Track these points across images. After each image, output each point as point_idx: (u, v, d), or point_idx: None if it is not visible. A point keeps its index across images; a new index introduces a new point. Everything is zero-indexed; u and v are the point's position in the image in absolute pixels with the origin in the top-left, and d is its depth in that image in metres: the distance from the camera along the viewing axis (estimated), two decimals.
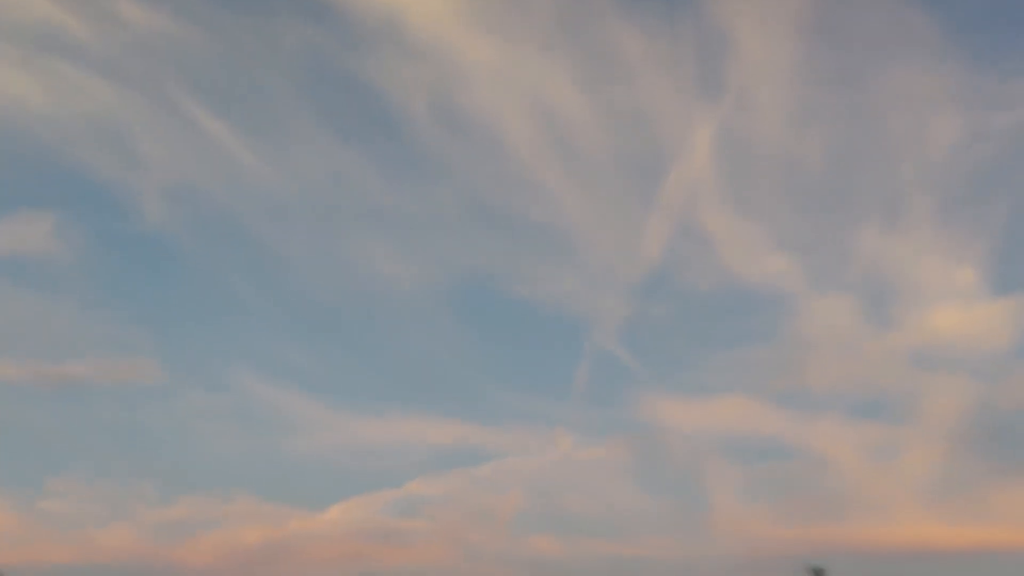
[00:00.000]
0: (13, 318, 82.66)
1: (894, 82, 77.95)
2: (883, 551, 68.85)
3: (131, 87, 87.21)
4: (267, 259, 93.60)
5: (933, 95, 77.62)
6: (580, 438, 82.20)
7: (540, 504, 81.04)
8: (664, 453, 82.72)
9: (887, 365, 77.60)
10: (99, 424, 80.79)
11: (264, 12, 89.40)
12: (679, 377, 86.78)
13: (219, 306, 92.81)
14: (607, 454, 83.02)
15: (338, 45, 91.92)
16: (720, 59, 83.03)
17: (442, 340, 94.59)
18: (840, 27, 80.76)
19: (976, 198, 79.96)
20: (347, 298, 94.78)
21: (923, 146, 78.47)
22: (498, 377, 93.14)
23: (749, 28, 78.75)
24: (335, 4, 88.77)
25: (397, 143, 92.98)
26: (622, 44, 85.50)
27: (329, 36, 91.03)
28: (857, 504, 73.03)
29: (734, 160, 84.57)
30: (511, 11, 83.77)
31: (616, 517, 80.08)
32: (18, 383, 78.70)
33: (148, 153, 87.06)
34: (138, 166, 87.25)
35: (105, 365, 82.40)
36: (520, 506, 79.94)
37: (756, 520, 74.30)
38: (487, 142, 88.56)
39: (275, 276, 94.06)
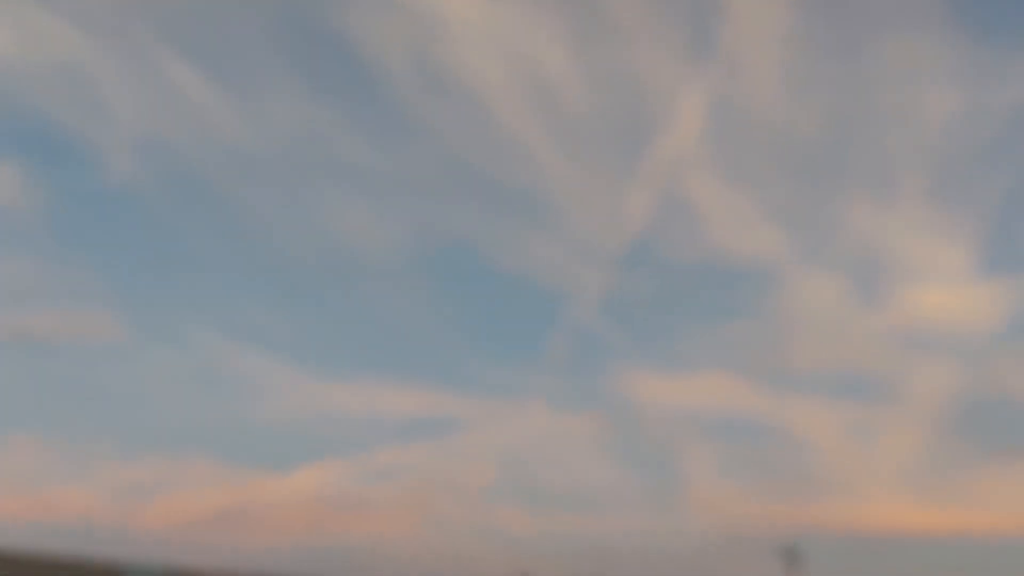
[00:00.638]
0: None
1: (891, 54, 76.26)
2: (859, 533, 68.36)
3: (100, 35, 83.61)
4: (236, 216, 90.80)
5: (931, 69, 76.06)
6: (555, 410, 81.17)
7: (511, 476, 79.90)
8: (640, 428, 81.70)
9: (871, 345, 76.73)
10: (57, 380, 78.38)
11: None
12: (658, 351, 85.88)
13: (185, 263, 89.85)
14: (582, 427, 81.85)
15: None
16: (713, 23, 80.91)
17: (415, 306, 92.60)
18: None
19: (970, 177, 78.78)
20: (318, 259, 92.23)
21: (918, 121, 77.03)
22: (472, 346, 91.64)
23: None
24: None
25: (375, 101, 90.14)
26: (612, 4, 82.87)
27: None
28: (835, 485, 72.56)
29: (723, 128, 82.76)
30: None
31: (589, 491, 79.29)
32: None
33: (116, 104, 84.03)
34: (105, 117, 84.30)
35: (65, 320, 79.76)
36: (491, 478, 78.64)
37: (732, 498, 73.61)
38: (469, 103, 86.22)
39: (244, 234, 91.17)
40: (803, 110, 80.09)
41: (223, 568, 32.66)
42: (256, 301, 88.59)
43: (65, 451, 70.75)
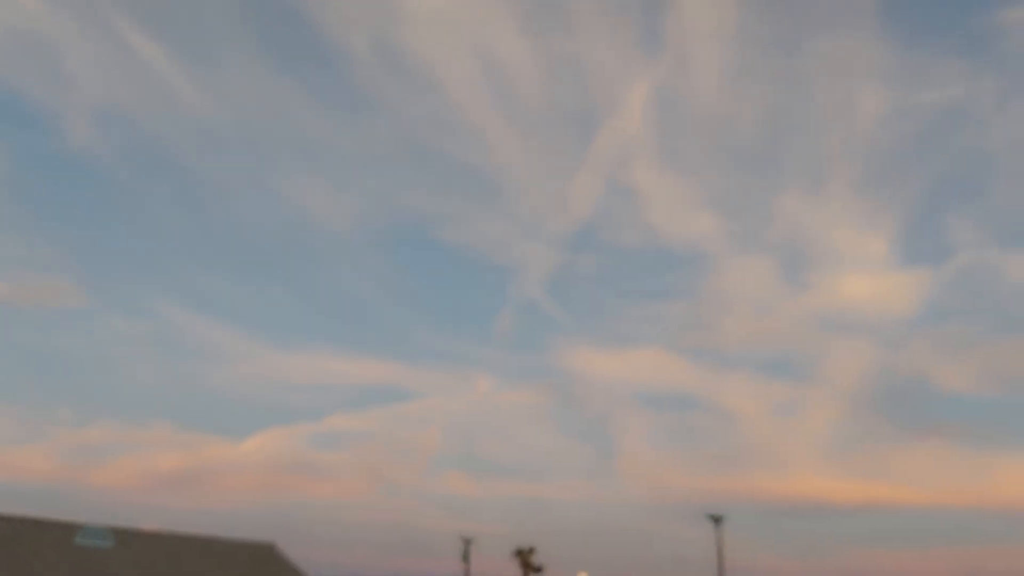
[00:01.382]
0: None
1: (828, 51, 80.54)
2: (781, 502, 73.58)
3: (62, 4, 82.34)
4: (196, 187, 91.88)
5: (864, 67, 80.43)
6: (500, 382, 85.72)
7: (458, 444, 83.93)
8: (580, 400, 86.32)
9: (797, 327, 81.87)
10: (16, 344, 79.28)
11: None
12: (599, 328, 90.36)
13: (144, 232, 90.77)
14: (525, 398, 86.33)
15: None
16: (661, 18, 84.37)
17: (370, 278, 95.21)
18: None
19: (895, 171, 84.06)
20: (276, 231, 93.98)
21: (850, 117, 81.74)
22: (423, 318, 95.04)
23: None
24: None
25: (335, 78, 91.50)
26: None
27: None
28: (759, 457, 77.80)
29: (667, 118, 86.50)
30: None
31: (531, 459, 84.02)
32: None
33: (77, 72, 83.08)
34: (66, 85, 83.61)
35: (24, 286, 79.60)
36: (438, 445, 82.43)
37: (664, 467, 78.46)
38: (425, 83, 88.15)
39: (203, 205, 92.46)
40: (742, 104, 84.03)
41: (178, 529, 34.04)
42: (214, 271, 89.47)
43: (23, 413, 70.87)
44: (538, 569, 49.95)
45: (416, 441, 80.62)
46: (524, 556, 50.05)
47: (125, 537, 30.71)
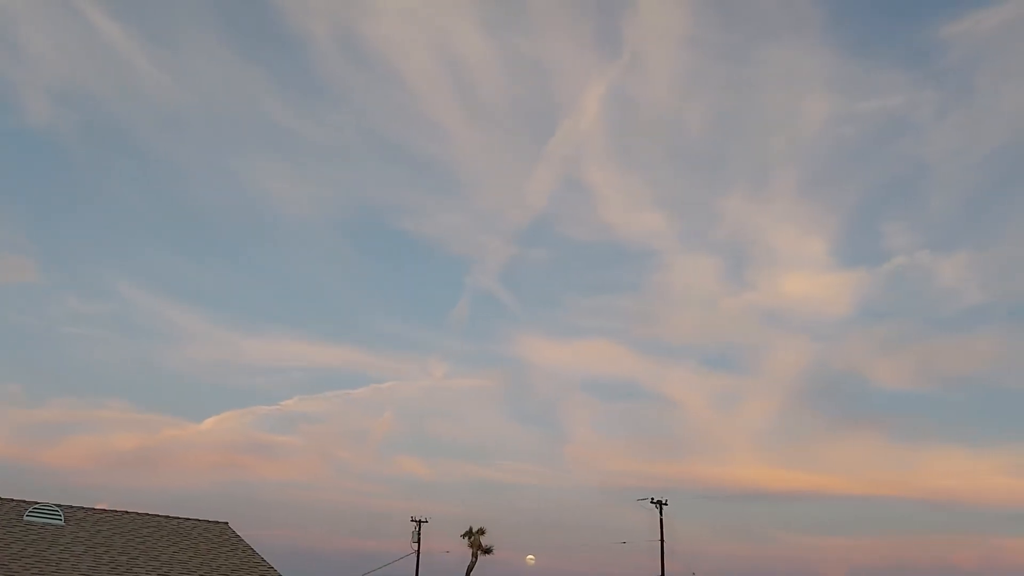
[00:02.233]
0: None
1: (775, 60, 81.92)
2: (720, 489, 74.78)
3: None
4: (156, 169, 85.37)
5: (808, 76, 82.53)
6: (453, 368, 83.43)
7: (411, 427, 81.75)
8: (531, 387, 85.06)
9: (739, 322, 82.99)
10: None
11: None
12: (550, 319, 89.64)
13: (103, 212, 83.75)
14: (478, 385, 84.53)
15: None
16: (619, 19, 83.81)
17: (328, 265, 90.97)
18: (732, 1, 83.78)
19: (834, 176, 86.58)
20: (236, 215, 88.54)
21: (793, 123, 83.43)
22: (380, 305, 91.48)
23: None
24: None
25: (298, 66, 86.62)
26: None
27: None
28: (701, 445, 78.58)
29: (621, 118, 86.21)
30: None
31: (482, 443, 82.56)
32: None
33: (35, 48, 75.47)
34: (23, 61, 75.93)
35: None
36: (392, 428, 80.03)
37: (609, 453, 78.31)
38: (387, 75, 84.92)
39: (163, 186, 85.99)
40: (693, 106, 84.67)
41: (130, 508, 31.53)
42: (172, 252, 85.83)
43: None
44: (488, 550, 47.37)
45: (371, 424, 78.48)
46: (474, 537, 47.30)
47: (76, 515, 25.95)
